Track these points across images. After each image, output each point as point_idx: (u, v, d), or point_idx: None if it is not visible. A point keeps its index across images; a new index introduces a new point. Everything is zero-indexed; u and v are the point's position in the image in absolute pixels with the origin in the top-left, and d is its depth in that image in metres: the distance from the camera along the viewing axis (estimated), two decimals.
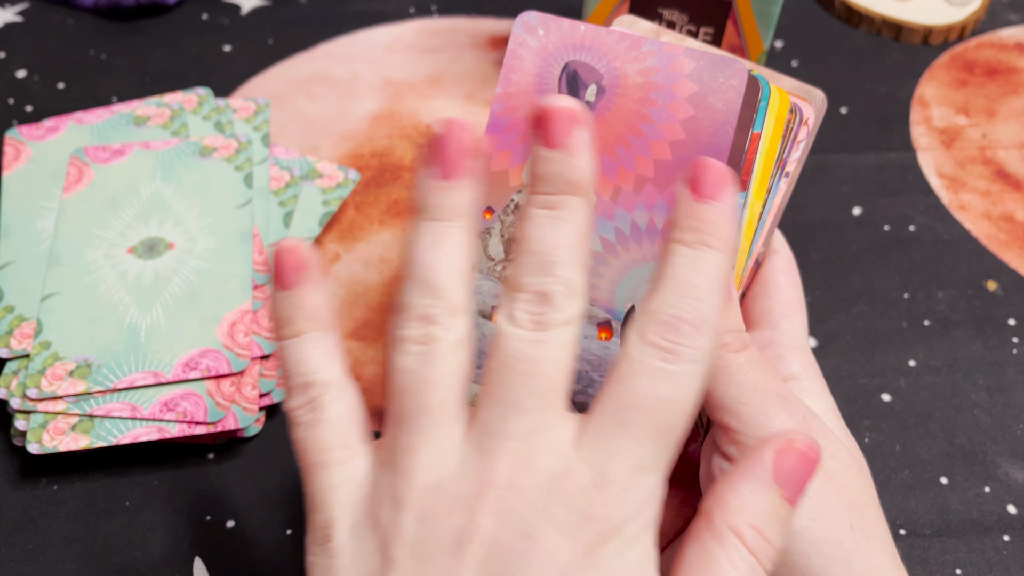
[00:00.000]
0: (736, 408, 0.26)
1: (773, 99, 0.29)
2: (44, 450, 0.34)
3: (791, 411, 0.26)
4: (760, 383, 0.26)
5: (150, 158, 0.42)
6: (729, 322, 0.27)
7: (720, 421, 0.26)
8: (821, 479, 0.25)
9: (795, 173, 0.30)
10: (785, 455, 0.22)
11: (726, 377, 0.26)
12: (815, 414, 0.27)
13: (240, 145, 0.43)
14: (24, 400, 0.35)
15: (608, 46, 0.28)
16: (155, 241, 0.40)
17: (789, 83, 0.31)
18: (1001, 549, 0.35)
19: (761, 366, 0.27)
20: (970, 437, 0.38)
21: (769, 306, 0.30)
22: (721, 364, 0.26)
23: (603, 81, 0.28)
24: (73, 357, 0.36)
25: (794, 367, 0.29)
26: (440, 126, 0.23)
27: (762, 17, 0.44)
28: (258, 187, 0.42)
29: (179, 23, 0.56)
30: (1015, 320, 0.42)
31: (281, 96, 0.52)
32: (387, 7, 0.58)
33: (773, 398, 0.26)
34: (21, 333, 0.36)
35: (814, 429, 0.26)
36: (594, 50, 0.28)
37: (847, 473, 0.26)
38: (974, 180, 0.49)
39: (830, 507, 0.25)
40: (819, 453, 0.23)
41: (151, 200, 0.41)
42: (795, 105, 0.30)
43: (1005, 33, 0.57)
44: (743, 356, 0.26)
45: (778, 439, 0.23)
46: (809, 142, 0.30)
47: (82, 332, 0.36)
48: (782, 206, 0.31)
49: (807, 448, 0.23)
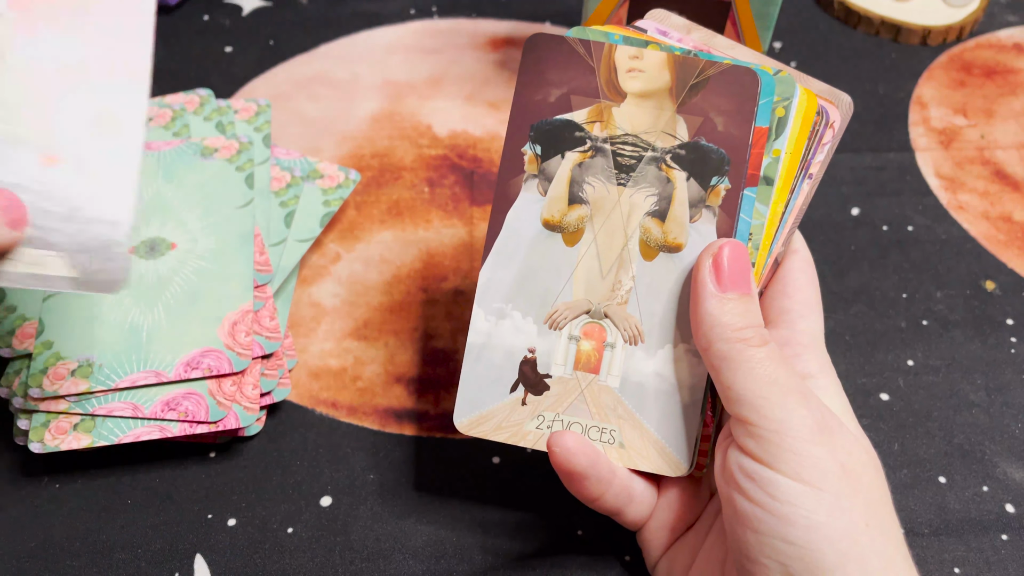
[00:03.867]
0: (755, 402, 0.26)
1: (800, 100, 0.30)
2: (46, 449, 0.34)
3: (809, 407, 0.26)
4: (779, 378, 0.26)
5: (151, 159, 0.43)
6: (750, 318, 0.28)
7: (739, 415, 0.27)
8: (839, 476, 0.25)
9: (818, 175, 0.31)
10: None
11: (746, 371, 0.26)
12: (832, 411, 0.27)
13: (242, 146, 0.43)
14: (26, 399, 0.35)
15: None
16: (157, 241, 0.40)
17: (817, 86, 0.31)
18: (999, 548, 0.35)
19: (780, 362, 0.27)
20: (968, 436, 0.38)
21: (787, 305, 0.31)
22: (741, 359, 0.27)
23: None
24: (75, 357, 0.36)
25: (811, 366, 0.30)
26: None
27: (761, 18, 0.44)
28: (259, 187, 0.42)
29: (180, 24, 0.56)
30: (1013, 320, 0.42)
31: (282, 97, 0.52)
32: (388, 8, 0.58)
33: (792, 394, 0.26)
34: (23, 333, 0.36)
35: (832, 427, 0.26)
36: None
37: (864, 471, 0.26)
38: (972, 180, 0.49)
39: (847, 505, 0.25)
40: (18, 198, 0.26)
41: (153, 200, 0.41)
42: (822, 107, 0.30)
43: (1003, 34, 0.58)
44: (763, 351, 0.27)
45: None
46: (834, 145, 0.31)
47: (84, 332, 0.36)
48: (804, 207, 0.31)
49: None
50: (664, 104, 0.30)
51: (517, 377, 0.30)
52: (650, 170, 0.30)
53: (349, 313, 0.41)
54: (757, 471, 0.26)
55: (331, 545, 0.34)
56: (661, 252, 0.30)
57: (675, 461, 0.30)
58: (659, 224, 0.30)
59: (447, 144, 0.49)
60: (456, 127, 0.50)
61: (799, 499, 0.25)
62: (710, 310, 0.27)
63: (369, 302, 0.42)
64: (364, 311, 0.42)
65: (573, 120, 0.30)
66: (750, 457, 0.26)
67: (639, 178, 0.30)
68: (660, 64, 0.30)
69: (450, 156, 0.49)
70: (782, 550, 0.25)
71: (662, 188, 0.30)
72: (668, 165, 0.30)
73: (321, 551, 0.34)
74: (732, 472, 0.27)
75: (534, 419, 0.30)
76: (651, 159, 0.30)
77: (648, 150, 0.30)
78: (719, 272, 0.28)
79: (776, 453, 0.25)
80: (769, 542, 0.25)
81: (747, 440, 0.26)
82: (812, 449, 0.25)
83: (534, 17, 0.57)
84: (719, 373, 0.27)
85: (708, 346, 0.28)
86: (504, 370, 0.30)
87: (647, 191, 0.30)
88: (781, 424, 0.26)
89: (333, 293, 0.42)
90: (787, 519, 0.25)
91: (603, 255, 0.30)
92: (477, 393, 0.31)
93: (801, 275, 0.31)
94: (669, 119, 0.30)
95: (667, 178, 0.30)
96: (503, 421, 0.30)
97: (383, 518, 0.35)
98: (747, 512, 0.26)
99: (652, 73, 0.30)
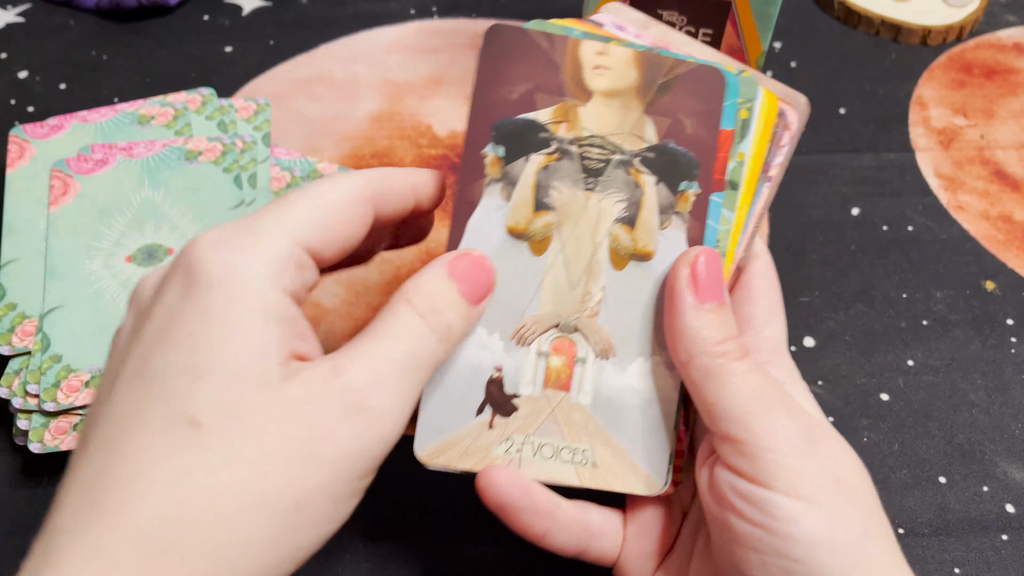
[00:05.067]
0: (743, 419, 0.25)
1: (763, 103, 0.29)
2: (46, 449, 0.34)
3: (795, 418, 0.26)
4: (764, 391, 0.26)
5: (135, 166, 0.42)
6: (728, 329, 0.27)
7: (726, 433, 0.26)
8: (833, 487, 0.25)
9: (777, 177, 0.30)
10: (460, 258, 0.27)
11: (731, 386, 0.26)
12: (816, 419, 0.27)
13: (225, 147, 0.43)
14: (26, 399, 0.35)
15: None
16: (154, 248, 0.40)
17: (775, 86, 0.30)
18: (999, 548, 0.35)
19: (761, 373, 0.26)
20: (968, 436, 0.38)
21: (752, 311, 0.30)
22: (724, 373, 0.26)
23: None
24: (87, 368, 0.36)
25: (781, 372, 0.29)
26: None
27: (761, 18, 0.44)
28: (260, 187, 0.42)
29: (180, 24, 0.56)
30: (1013, 320, 0.42)
31: (282, 97, 0.52)
32: (388, 8, 0.58)
33: (778, 406, 0.26)
34: (23, 331, 0.36)
35: (818, 435, 0.26)
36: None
37: (853, 477, 0.26)
38: (972, 180, 0.49)
39: (845, 514, 0.25)
40: (489, 262, 0.28)
41: (143, 207, 0.41)
42: (782, 109, 0.29)
43: (1003, 34, 0.58)
44: (744, 364, 0.26)
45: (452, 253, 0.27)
46: (792, 147, 0.30)
47: (93, 342, 0.36)
48: (764, 211, 0.30)
49: (479, 255, 0.27)
50: (631, 104, 0.28)
51: (484, 398, 0.28)
52: (618, 174, 0.28)
53: (349, 313, 0.41)
54: (752, 491, 0.25)
55: (330, 545, 0.34)
56: (631, 260, 0.28)
57: (650, 479, 0.28)
58: (628, 231, 0.28)
59: (447, 144, 0.49)
60: (456, 127, 0.50)
61: (798, 516, 0.24)
62: (690, 323, 0.26)
63: (369, 302, 0.42)
64: (364, 311, 0.42)
65: (537, 120, 0.28)
66: (742, 477, 0.25)
67: (607, 183, 0.28)
68: (627, 61, 0.28)
69: (450, 156, 0.49)
70: (786, 567, 0.24)
71: (631, 193, 0.28)
72: (637, 169, 0.28)
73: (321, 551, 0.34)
74: (724, 494, 0.26)
75: (503, 443, 0.28)
76: (619, 162, 0.28)
77: (616, 153, 0.28)
78: (697, 281, 0.27)
79: (769, 471, 0.25)
80: (772, 561, 0.25)
81: (737, 459, 0.25)
82: (804, 463, 0.25)
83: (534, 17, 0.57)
84: (701, 389, 0.26)
85: (689, 360, 0.26)
86: (469, 391, 0.28)
87: (616, 196, 0.28)
88: (770, 440, 0.25)
89: (333, 293, 0.42)
90: (789, 537, 0.24)
91: (572, 264, 0.28)
92: (440, 417, 0.28)
93: (764, 280, 0.30)
94: (637, 120, 0.28)
95: (636, 183, 0.28)
96: (469, 446, 0.28)
97: (383, 518, 0.35)
98: (746, 533, 0.25)
99: (619, 70, 0.28)
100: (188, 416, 0.22)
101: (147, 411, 0.22)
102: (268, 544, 0.22)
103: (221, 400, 0.22)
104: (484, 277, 0.27)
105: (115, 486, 0.21)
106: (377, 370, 0.24)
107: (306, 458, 0.22)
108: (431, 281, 0.26)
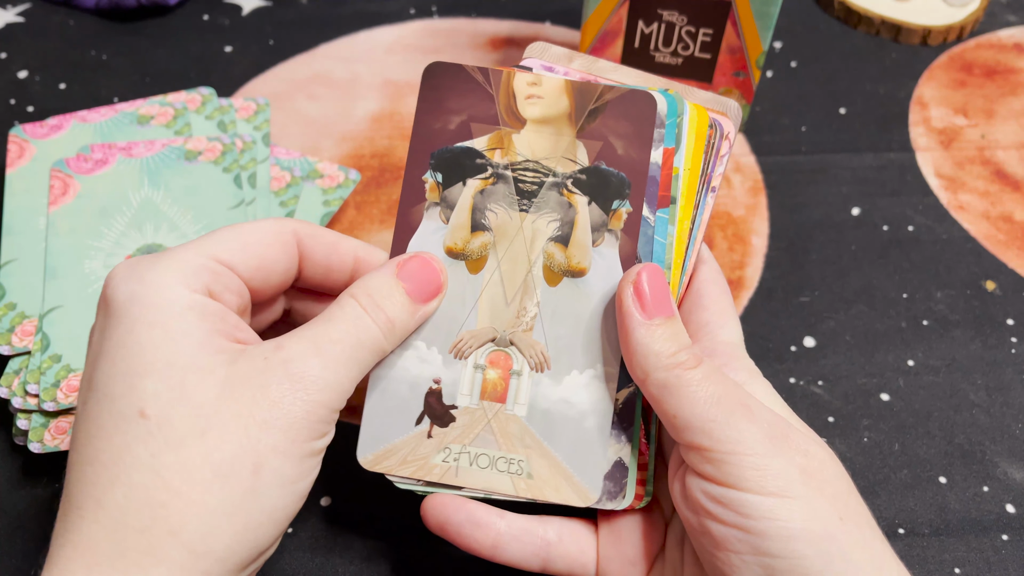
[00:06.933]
0: (705, 427, 0.26)
1: (692, 117, 0.30)
2: (46, 449, 0.34)
3: (756, 419, 0.26)
4: (722, 396, 0.26)
5: (134, 165, 0.42)
6: (680, 340, 0.27)
7: (690, 442, 0.26)
8: (802, 479, 0.25)
9: (720, 186, 0.31)
10: (410, 260, 0.29)
11: (689, 396, 0.26)
12: (780, 416, 0.27)
13: (225, 147, 0.43)
14: (26, 399, 0.35)
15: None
16: (153, 248, 0.40)
17: (702, 96, 0.31)
18: (1000, 548, 0.35)
19: (718, 378, 0.27)
20: (969, 437, 0.38)
21: (705, 317, 0.30)
22: (680, 384, 0.26)
23: None
24: None
25: (740, 374, 0.29)
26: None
27: (761, 18, 0.44)
28: (259, 187, 0.42)
29: (180, 24, 0.56)
30: (1013, 320, 0.42)
31: (282, 97, 0.52)
32: (388, 8, 0.58)
33: (738, 409, 0.26)
34: (23, 331, 0.36)
35: (782, 431, 0.26)
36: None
37: (824, 468, 0.26)
38: (973, 180, 0.49)
39: (817, 505, 0.25)
40: (438, 262, 0.29)
41: (142, 207, 0.41)
42: (714, 120, 0.30)
43: (1004, 34, 0.58)
44: (700, 372, 0.27)
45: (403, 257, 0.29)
46: (730, 155, 0.31)
47: None
48: (709, 219, 0.31)
49: (428, 257, 0.29)
50: (563, 130, 0.30)
51: (423, 409, 0.30)
52: (552, 196, 0.30)
53: None
54: (723, 494, 0.25)
55: (331, 545, 0.34)
56: (565, 277, 0.29)
57: (583, 490, 0.29)
58: (562, 249, 0.30)
59: None
60: None
61: (772, 512, 0.25)
62: (640, 339, 0.27)
63: None
64: None
65: (473, 147, 0.30)
66: (712, 482, 0.26)
67: (541, 204, 0.30)
68: (559, 90, 0.30)
69: None
70: (767, 564, 0.25)
71: (564, 213, 0.30)
72: (569, 190, 0.30)
73: (321, 551, 0.34)
74: (698, 500, 0.26)
75: (440, 452, 0.29)
76: (552, 184, 0.30)
77: (549, 176, 0.30)
78: (642, 299, 0.27)
79: (737, 473, 0.25)
80: (753, 560, 0.25)
81: (705, 466, 0.26)
82: (770, 461, 0.25)
83: (534, 17, 0.57)
84: (661, 403, 0.27)
85: (645, 377, 0.27)
86: (409, 402, 0.30)
87: (549, 216, 0.30)
88: (735, 444, 0.25)
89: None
90: (765, 534, 0.25)
91: (507, 282, 0.30)
92: (381, 427, 0.30)
93: (713, 286, 0.31)
94: (569, 144, 0.30)
95: (569, 203, 0.30)
96: (409, 455, 0.29)
97: (383, 518, 0.35)
98: (723, 536, 0.25)
99: (551, 99, 0.30)
100: (136, 410, 0.24)
101: (100, 415, 0.24)
102: (234, 510, 0.24)
103: (163, 389, 0.24)
104: (431, 278, 0.29)
105: (89, 485, 0.24)
106: (316, 345, 0.26)
107: (255, 424, 0.24)
108: (377, 279, 0.28)
